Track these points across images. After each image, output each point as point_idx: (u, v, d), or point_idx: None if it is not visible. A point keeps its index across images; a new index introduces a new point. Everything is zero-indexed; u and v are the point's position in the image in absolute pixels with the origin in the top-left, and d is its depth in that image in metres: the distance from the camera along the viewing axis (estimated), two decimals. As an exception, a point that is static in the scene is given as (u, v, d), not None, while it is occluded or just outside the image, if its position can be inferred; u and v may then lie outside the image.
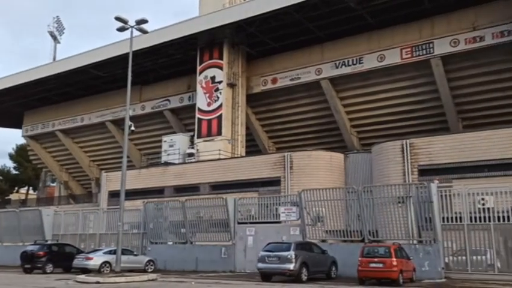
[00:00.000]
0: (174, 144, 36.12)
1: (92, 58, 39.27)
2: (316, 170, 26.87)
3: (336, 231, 20.51)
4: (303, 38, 34.05)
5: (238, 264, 22.39)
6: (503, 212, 17.62)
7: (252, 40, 35.46)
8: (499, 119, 28.89)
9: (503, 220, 17.49)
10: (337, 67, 32.91)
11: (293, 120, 36.55)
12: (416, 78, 30.96)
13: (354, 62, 32.31)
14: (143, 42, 33.27)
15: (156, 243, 25.62)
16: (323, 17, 31.55)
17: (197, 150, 34.61)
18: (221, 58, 35.22)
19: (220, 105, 34.61)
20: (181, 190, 31.25)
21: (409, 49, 30.28)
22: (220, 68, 35.14)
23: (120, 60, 36.01)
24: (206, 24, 34.07)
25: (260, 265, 17.32)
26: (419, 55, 29.93)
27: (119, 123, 43.01)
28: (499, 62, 28.18)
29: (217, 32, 34.50)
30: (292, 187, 26.36)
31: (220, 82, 35.03)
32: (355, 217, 20.14)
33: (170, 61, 39.31)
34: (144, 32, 22.27)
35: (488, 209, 18.05)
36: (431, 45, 29.51)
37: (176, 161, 34.54)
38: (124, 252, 21.38)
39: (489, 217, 17.75)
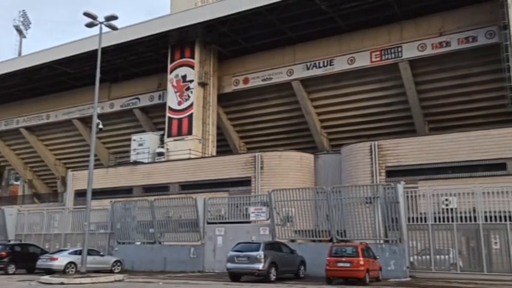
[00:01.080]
0: (144, 143, 35.60)
1: (59, 54, 38.27)
2: (287, 170, 27.03)
3: (306, 231, 20.67)
4: (275, 38, 34.18)
5: (207, 265, 22.28)
6: (465, 212, 18.15)
7: (224, 40, 35.35)
8: (464, 122, 29.75)
9: (466, 220, 18.01)
10: (308, 68, 33.19)
11: (264, 120, 36.64)
12: (385, 81, 31.55)
13: (325, 64, 32.65)
14: (112, 39, 32.67)
15: (123, 243, 25.21)
16: (295, 18, 31.75)
17: (167, 149, 34.24)
18: (192, 57, 34.95)
19: (191, 105, 34.35)
20: (150, 190, 30.88)
21: (378, 52, 30.82)
22: (192, 67, 34.88)
23: (88, 57, 35.26)
24: (177, 22, 33.76)
25: (229, 265, 17.27)
26: (388, 58, 30.50)
27: (86, 121, 42.11)
28: (464, 67, 29.02)
29: (188, 30, 34.24)
30: (262, 187, 26.43)
31: (191, 81, 34.77)
32: (324, 217, 20.35)
33: (140, 59, 38.74)
34: (114, 28, 21.88)
35: (452, 209, 18.56)
36: (399, 49, 30.13)
37: (146, 160, 34.07)
38: (90, 252, 21.07)
39: (452, 217, 18.25)
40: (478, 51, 27.92)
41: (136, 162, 34.00)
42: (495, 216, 17.55)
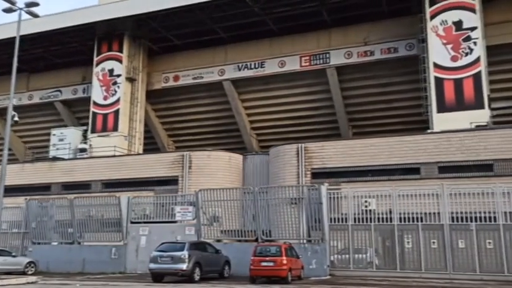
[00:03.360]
0: (65, 138, 33.83)
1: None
2: (215, 170, 26.97)
3: (232, 231, 20.74)
4: (207, 38, 34.00)
5: (129, 265, 21.66)
6: (383, 213, 19.17)
7: (155, 35, 34.56)
8: (385, 128, 31.44)
9: (383, 221, 19.01)
10: (240, 69, 33.36)
11: (194, 119, 36.29)
12: (313, 85, 32.49)
13: (257, 66, 33.00)
14: (35, 27, 30.82)
15: (39, 243, 23.82)
16: (227, 18, 31.80)
17: (90, 145, 32.82)
18: (121, 51, 33.81)
19: (118, 100, 33.21)
20: (70, 187, 29.44)
21: (308, 57, 31.70)
22: (120, 61, 33.72)
23: (6, 44, 32.82)
24: (105, 14, 32.48)
25: (152, 265, 16.88)
26: (316, 64, 31.46)
27: (1, 112, 39.20)
28: (386, 76, 30.65)
29: (117, 23, 33.07)
30: (190, 187, 26.16)
31: (118, 76, 33.60)
32: (250, 217, 20.53)
33: (64, 49, 36.75)
34: (35, 15, 20.59)
35: (371, 210, 19.52)
36: (327, 55, 31.19)
37: (66, 157, 32.39)
38: (1, 253, 19.99)
39: (371, 218, 19.18)
40: (399, 61, 29.63)
41: (55, 158, 32.23)
42: (408, 218, 18.70)
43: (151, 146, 36.96)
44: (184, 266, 16.33)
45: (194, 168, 27.01)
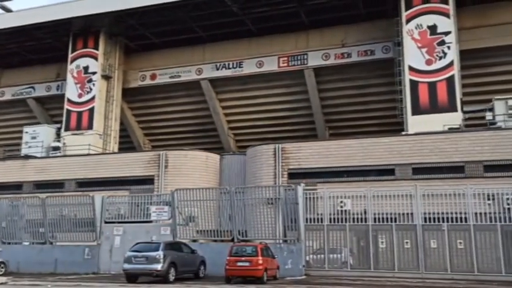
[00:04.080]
0: (37, 136, 33.08)
1: None
2: (192, 170, 26.83)
3: (208, 231, 20.64)
4: (186, 36, 33.80)
5: (103, 266, 21.33)
6: (358, 214, 19.39)
7: (133, 33, 34.15)
8: (361, 130, 31.80)
9: (358, 221, 19.23)
10: (218, 69, 33.27)
11: (171, 118, 36.01)
12: (291, 86, 32.64)
13: (235, 66, 32.96)
14: (8, 21, 30.06)
15: (9, 243, 23.22)
16: (206, 17, 31.68)
17: (64, 143, 32.20)
18: (96, 48, 33.31)
19: (93, 98, 32.70)
20: (43, 186, 28.83)
21: (286, 58, 31.83)
22: (95, 58, 33.21)
23: (-23, 39, 32.04)
24: (82, 9, 31.90)
25: (126, 266, 16.63)
26: (294, 65, 31.63)
27: (-28, 109, 38.18)
28: (362, 78, 31.03)
29: (94, 19, 32.58)
30: (166, 186, 25.94)
31: (94, 73, 33.08)
32: (227, 217, 20.48)
33: (38, 45, 36.01)
34: (7, 10, 20.08)
35: (346, 211, 19.73)
36: (305, 56, 31.39)
37: (39, 155, 31.69)
38: None
39: (346, 218, 19.37)
40: (375, 64, 30.05)
41: (27, 156, 31.50)
42: (383, 218, 18.96)
43: (127, 144, 36.52)
44: (158, 266, 16.16)
45: (170, 167, 26.80)
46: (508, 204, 18.10)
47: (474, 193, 18.42)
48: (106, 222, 22.04)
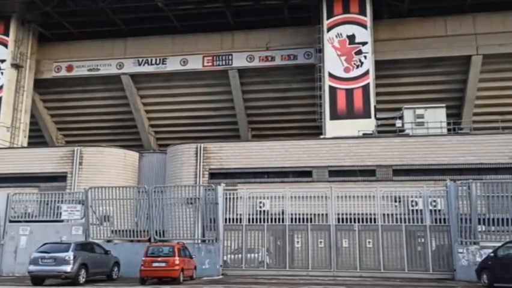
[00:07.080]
0: None
1: None
2: (109, 167, 25.83)
3: (124, 231, 19.99)
4: (107, 28, 32.53)
5: (6, 268, 19.93)
6: (276, 214, 19.80)
7: (48, 21, 32.20)
8: (282, 132, 32.60)
9: (276, 221, 19.63)
10: (140, 64, 32.38)
11: (88, 113, 34.42)
12: (214, 86, 32.61)
13: (158, 62, 32.28)
14: None
15: None
16: (129, 10, 30.73)
17: (-35, 136, 29.49)
18: (7, 34, 31.04)
19: (1, 87, 30.31)
20: None
21: (211, 58, 31.76)
22: (5, 45, 30.92)
23: None
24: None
25: (32, 267, 15.60)
26: (219, 65, 31.65)
27: None
28: (285, 81, 31.81)
29: (5, 3, 30.24)
30: (80, 184, 24.72)
31: (3, 61, 30.77)
32: (144, 217, 19.96)
33: None
34: None
35: (265, 211, 20.07)
36: (230, 57, 31.54)
37: None
38: None
39: (265, 219, 19.70)
40: (298, 68, 30.97)
41: None
42: (299, 218, 19.54)
43: (38, 139, 34.34)
44: (68, 268, 15.34)
45: (85, 164, 25.60)
46: (413, 206, 19.44)
47: (383, 195, 19.56)
48: (10, 221, 20.63)
